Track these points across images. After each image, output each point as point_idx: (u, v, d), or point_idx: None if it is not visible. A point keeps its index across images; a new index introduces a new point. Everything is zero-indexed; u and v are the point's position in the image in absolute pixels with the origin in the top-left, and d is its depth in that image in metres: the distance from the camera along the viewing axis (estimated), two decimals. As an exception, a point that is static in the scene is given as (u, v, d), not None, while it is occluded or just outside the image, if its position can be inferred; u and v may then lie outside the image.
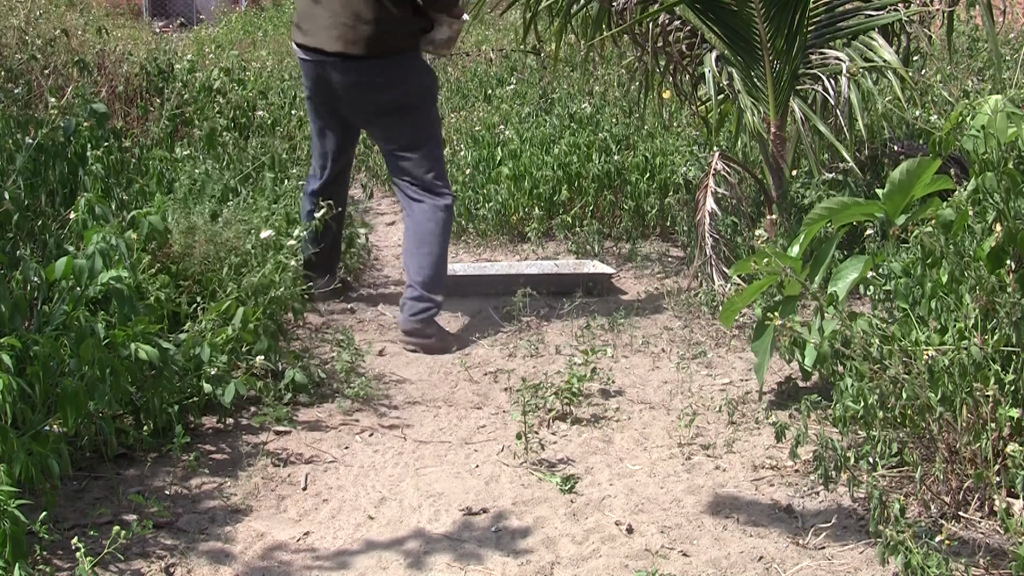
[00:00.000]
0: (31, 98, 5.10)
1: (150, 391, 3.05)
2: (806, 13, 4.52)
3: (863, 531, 2.70)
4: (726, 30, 4.67)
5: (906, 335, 2.83)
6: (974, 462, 2.64)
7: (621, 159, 5.69)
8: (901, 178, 3.14)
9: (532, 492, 2.97)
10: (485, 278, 4.84)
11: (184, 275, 3.84)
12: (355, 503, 2.92)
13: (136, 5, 13.40)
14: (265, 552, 2.66)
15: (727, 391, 3.63)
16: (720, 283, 4.26)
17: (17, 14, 6.51)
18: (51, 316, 2.89)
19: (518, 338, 4.21)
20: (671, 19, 4.81)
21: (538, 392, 3.38)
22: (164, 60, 6.57)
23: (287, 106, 6.40)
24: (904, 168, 3.15)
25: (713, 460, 3.16)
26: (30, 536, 2.45)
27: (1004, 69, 5.70)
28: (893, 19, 4.55)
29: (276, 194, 4.90)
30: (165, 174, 4.78)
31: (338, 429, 3.40)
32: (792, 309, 3.19)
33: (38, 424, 2.62)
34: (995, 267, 2.64)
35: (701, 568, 2.58)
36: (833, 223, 3.39)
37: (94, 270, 2.91)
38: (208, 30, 10.96)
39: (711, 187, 4.47)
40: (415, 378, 3.84)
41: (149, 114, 6.00)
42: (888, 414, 2.69)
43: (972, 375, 2.60)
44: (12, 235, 3.42)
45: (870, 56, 4.41)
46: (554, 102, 6.95)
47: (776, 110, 4.60)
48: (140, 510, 2.78)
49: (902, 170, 3.16)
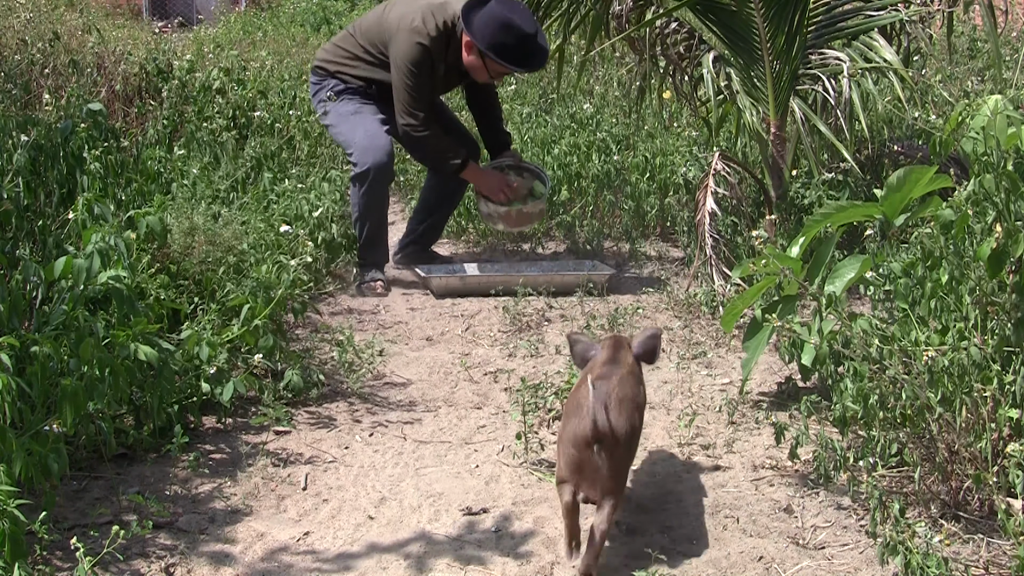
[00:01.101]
0: (30, 98, 5.10)
1: (150, 391, 3.05)
2: (806, 13, 4.52)
3: (863, 531, 2.70)
4: (726, 31, 4.67)
5: (906, 335, 2.83)
6: (974, 462, 2.64)
7: (621, 159, 5.68)
8: (898, 183, 3.15)
9: (532, 492, 2.97)
10: (485, 278, 4.85)
11: (183, 275, 3.84)
12: (355, 503, 2.92)
13: (136, 5, 13.39)
14: (265, 552, 2.66)
15: (727, 391, 3.63)
16: (720, 283, 4.25)
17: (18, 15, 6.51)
18: (50, 316, 2.89)
19: (518, 338, 4.21)
20: (668, 21, 4.81)
21: (538, 392, 3.38)
22: (163, 60, 6.57)
23: (286, 106, 6.39)
24: (899, 175, 3.16)
25: (713, 460, 3.16)
26: (30, 536, 2.45)
27: (1004, 69, 5.70)
28: (893, 19, 4.55)
29: (276, 193, 4.90)
30: (163, 173, 4.78)
31: (338, 429, 3.40)
32: (791, 309, 3.19)
33: (37, 424, 2.62)
34: (996, 269, 2.64)
35: (701, 568, 2.58)
36: (831, 224, 3.39)
37: (93, 270, 2.90)
38: (208, 30, 10.95)
39: (711, 187, 4.46)
40: (415, 378, 3.84)
41: (147, 114, 6.00)
42: (888, 414, 2.68)
43: (972, 375, 2.60)
44: (11, 235, 3.41)
45: (871, 56, 4.41)
46: (554, 102, 6.95)
47: (776, 110, 4.60)
48: (140, 510, 2.77)
49: (898, 176, 3.17)
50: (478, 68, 4.73)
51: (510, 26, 4.52)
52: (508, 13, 4.56)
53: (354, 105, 4.87)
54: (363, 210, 4.81)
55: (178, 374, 3.20)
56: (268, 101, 6.38)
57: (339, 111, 4.87)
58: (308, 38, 10.61)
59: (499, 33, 4.53)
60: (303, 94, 6.57)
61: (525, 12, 4.67)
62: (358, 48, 4.89)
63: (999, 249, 2.58)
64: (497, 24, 4.53)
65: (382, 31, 4.81)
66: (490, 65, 4.67)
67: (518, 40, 4.55)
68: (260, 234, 4.30)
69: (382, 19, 4.85)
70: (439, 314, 4.59)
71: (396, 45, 4.72)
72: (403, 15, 4.75)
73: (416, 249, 5.26)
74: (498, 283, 4.69)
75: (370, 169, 4.70)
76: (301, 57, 8.69)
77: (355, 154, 4.77)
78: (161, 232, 3.44)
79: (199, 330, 3.32)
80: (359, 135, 4.78)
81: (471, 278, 4.90)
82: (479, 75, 4.79)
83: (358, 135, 4.78)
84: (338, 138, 4.93)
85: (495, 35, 4.54)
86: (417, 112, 4.71)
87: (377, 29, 4.84)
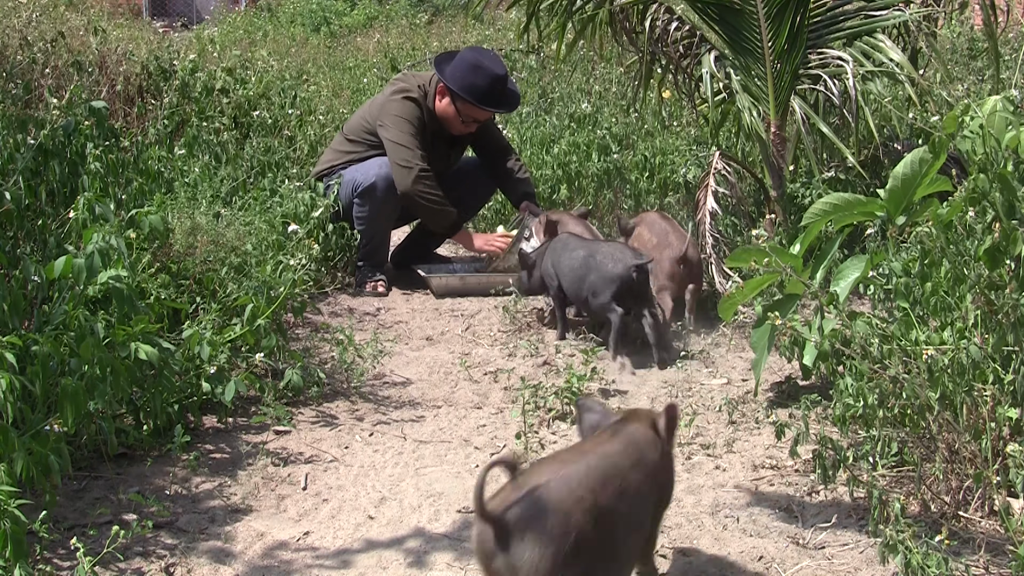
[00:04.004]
0: (31, 98, 5.10)
1: (150, 391, 3.05)
2: (807, 13, 4.52)
3: (863, 531, 2.70)
4: (728, 29, 4.67)
5: (906, 334, 2.83)
6: (974, 462, 2.64)
7: (621, 158, 5.68)
8: (906, 171, 3.13)
9: (532, 492, 2.97)
10: (485, 278, 4.85)
11: (184, 274, 3.84)
12: (355, 503, 2.92)
13: (136, 5, 13.39)
14: (265, 552, 2.66)
15: (727, 391, 3.63)
16: (720, 282, 4.26)
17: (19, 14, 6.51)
18: (51, 315, 2.89)
19: (518, 338, 4.22)
20: (669, 19, 4.81)
21: (538, 392, 3.38)
22: (166, 59, 6.57)
23: (287, 106, 6.40)
24: (909, 160, 3.14)
25: (713, 460, 3.16)
26: (30, 536, 2.45)
27: (1004, 69, 5.70)
28: (895, 19, 4.55)
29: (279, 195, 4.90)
30: (164, 173, 4.78)
31: (338, 429, 3.40)
32: (792, 308, 3.18)
33: (38, 424, 2.62)
34: (993, 267, 2.64)
35: (701, 568, 2.58)
36: (834, 223, 3.38)
37: (94, 269, 2.90)
38: (208, 30, 10.95)
39: (711, 186, 4.47)
40: (415, 378, 3.84)
41: (148, 113, 6.00)
42: (888, 413, 2.68)
43: (972, 375, 2.60)
44: (12, 234, 3.41)
45: (874, 56, 4.42)
46: (553, 102, 6.95)
47: (776, 110, 4.60)
48: (140, 510, 2.78)
49: (907, 163, 3.15)
50: (451, 117, 4.88)
51: (480, 67, 4.76)
52: (478, 56, 4.86)
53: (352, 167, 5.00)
54: (369, 220, 4.86)
55: (178, 374, 3.21)
56: (270, 101, 6.38)
57: (343, 178, 4.94)
58: (308, 38, 10.63)
59: (469, 74, 4.75)
60: (303, 94, 6.58)
61: (495, 57, 4.95)
62: (347, 144, 5.03)
63: (995, 246, 2.58)
64: (467, 66, 4.77)
65: (367, 120, 4.98)
66: (462, 108, 4.82)
67: (489, 81, 4.76)
68: (262, 234, 4.31)
69: (364, 113, 5.05)
70: (439, 314, 4.60)
71: (384, 111, 4.89)
72: (376, 98, 5.08)
73: (416, 250, 5.27)
74: (498, 283, 4.69)
75: (375, 181, 4.78)
76: (301, 57, 8.70)
77: (359, 177, 4.84)
78: (162, 231, 3.45)
79: (200, 330, 3.33)
80: (363, 166, 4.89)
81: (471, 278, 4.90)
82: (454, 126, 4.91)
83: (362, 168, 4.89)
84: (346, 188, 4.89)
85: (465, 76, 4.76)
86: (413, 163, 4.78)
87: (361, 122, 5.03)
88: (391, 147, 4.82)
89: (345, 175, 4.90)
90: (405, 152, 4.79)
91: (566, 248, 4.15)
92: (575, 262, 4.05)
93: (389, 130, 4.83)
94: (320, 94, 7.35)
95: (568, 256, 4.10)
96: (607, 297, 3.91)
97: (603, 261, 3.95)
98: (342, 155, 5.01)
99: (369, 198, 4.82)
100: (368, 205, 4.84)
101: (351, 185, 4.86)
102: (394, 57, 8.10)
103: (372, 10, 13.23)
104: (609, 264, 3.93)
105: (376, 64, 8.96)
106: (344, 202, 4.85)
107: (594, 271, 3.96)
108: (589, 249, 4.07)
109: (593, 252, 4.03)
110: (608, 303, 3.91)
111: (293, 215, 4.61)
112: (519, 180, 5.11)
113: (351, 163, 4.95)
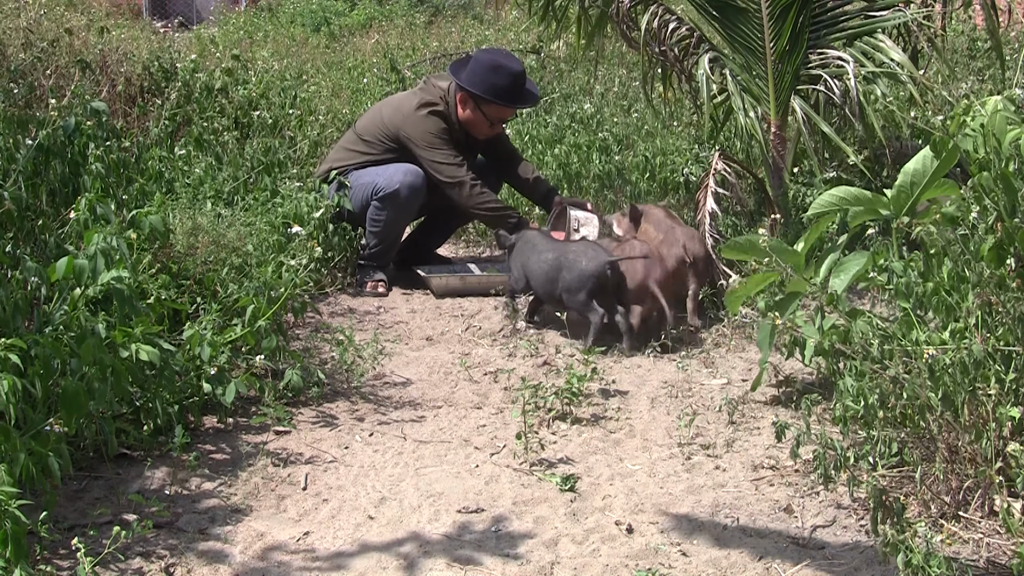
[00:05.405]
0: (32, 98, 5.10)
1: (150, 391, 3.05)
2: (809, 13, 4.52)
3: (863, 531, 2.70)
4: (729, 29, 4.67)
5: (907, 334, 2.82)
6: (974, 462, 2.64)
7: (622, 159, 5.68)
8: (916, 167, 3.14)
9: (532, 492, 2.97)
10: (485, 278, 4.85)
11: (184, 275, 3.84)
12: (355, 503, 2.92)
13: (136, 5, 13.38)
14: (265, 552, 2.66)
15: (727, 391, 3.63)
16: (720, 282, 4.26)
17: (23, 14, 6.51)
18: (51, 316, 2.89)
19: (518, 338, 4.22)
20: (669, 19, 4.81)
21: (538, 392, 3.38)
22: (167, 59, 6.57)
23: (287, 105, 6.40)
24: (921, 157, 3.14)
25: (713, 460, 3.16)
26: (30, 536, 2.45)
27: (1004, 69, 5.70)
28: (896, 20, 4.55)
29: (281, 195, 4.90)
30: (164, 173, 4.78)
31: (338, 429, 3.40)
32: (794, 307, 3.18)
33: (39, 424, 2.62)
34: (996, 265, 2.64)
35: (701, 568, 2.58)
36: (849, 222, 3.40)
37: (95, 270, 2.90)
38: (208, 30, 10.95)
39: (711, 187, 4.46)
40: (415, 378, 3.84)
41: (148, 114, 6.00)
42: (888, 413, 2.68)
43: (973, 374, 2.60)
44: (12, 235, 3.41)
45: (877, 57, 4.42)
46: (554, 102, 6.94)
47: (777, 110, 4.60)
48: (140, 510, 2.78)
49: (919, 159, 3.15)
50: (477, 121, 4.85)
51: (499, 67, 4.73)
52: (494, 57, 4.84)
53: (370, 168, 4.92)
54: (386, 224, 4.83)
55: (179, 374, 3.20)
56: (270, 101, 6.38)
57: (357, 179, 4.88)
58: (308, 38, 10.62)
59: (490, 76, 4.72)
60: (303, 94, 6.58)
61: (509, 54, 4.94)
62: (361, 144, 4.95)
63: (998, 244, 2.58)
64: (485, 69, 4.73)
65: (385, 126, 4.90)
66: (487, 110, 4.80)
67: (511, 79, 4.73)
68: (263, 235, 4.31)
69: (383, 116, 4.96)
70: (439, 314, 4.60)
71: (413, 128, 4.82)
72: (399, 105, 4.95)
73: (417, 250, 5.26)
74: (498, 283, 4.69)
75: (399, 188, 4.74)
76: (301, 57, 8.69)
77: (381, 182, 4.78)
78: (163, 232, 3.45)
79: (200, 330, 3.33)
80: (385, 171, 4.81)
81: (471, 278, 4.90)
82: (480, 129, 4.89)
83: (383, 172, 4.81)
84: (363, 190, 4.83)
85: (486, 79, 4.72)
86: (461, 176, 4.77)
87: (378, 123, 4.94)
88: (433, 167, 4.79)
89: (362, 176, 4.86)
90: (450, 169, 4.78)
91: (534, 249, 4.20)
92: (545, 263, 4.10)
93: (425, 150, 4.80)
94: (320, 94, 7.35)
95: (537, 257, 4.14)
96: (584, 296, 3.97)
97: (576, 259, 4.00)
98: (356, 155, 4.96)
99: (391, 204, 4.77)
100: (388, 210, 4.79)
101: (371, 188, 4.80)
102: (393, 57, 8.09)
103: (372, 10, 13.23)
104: (583, 262, 3.99)
105: (376, 64, 8.96)
106: (357, 203, 4.82)
107: (567, 269, 4.01)
108: (558, 249, 4.14)
109: (564, 251, 4.10)
110: (587, 302, 3.98)
111: (294, 215, 4.61)
112: (537, 180, 5.11)
113: (367, 164, 4.90)
